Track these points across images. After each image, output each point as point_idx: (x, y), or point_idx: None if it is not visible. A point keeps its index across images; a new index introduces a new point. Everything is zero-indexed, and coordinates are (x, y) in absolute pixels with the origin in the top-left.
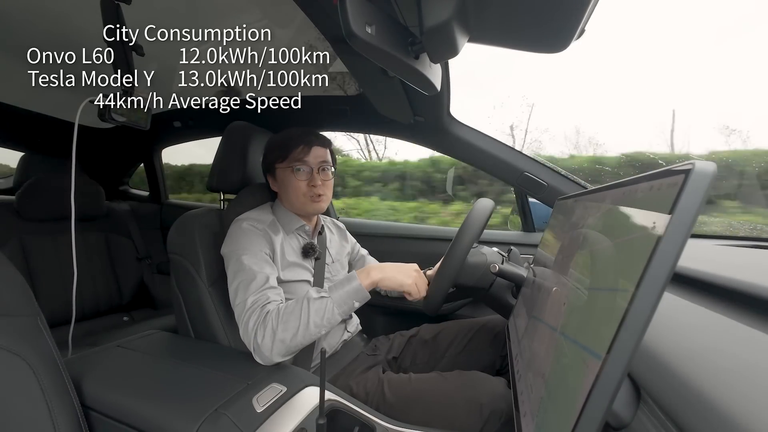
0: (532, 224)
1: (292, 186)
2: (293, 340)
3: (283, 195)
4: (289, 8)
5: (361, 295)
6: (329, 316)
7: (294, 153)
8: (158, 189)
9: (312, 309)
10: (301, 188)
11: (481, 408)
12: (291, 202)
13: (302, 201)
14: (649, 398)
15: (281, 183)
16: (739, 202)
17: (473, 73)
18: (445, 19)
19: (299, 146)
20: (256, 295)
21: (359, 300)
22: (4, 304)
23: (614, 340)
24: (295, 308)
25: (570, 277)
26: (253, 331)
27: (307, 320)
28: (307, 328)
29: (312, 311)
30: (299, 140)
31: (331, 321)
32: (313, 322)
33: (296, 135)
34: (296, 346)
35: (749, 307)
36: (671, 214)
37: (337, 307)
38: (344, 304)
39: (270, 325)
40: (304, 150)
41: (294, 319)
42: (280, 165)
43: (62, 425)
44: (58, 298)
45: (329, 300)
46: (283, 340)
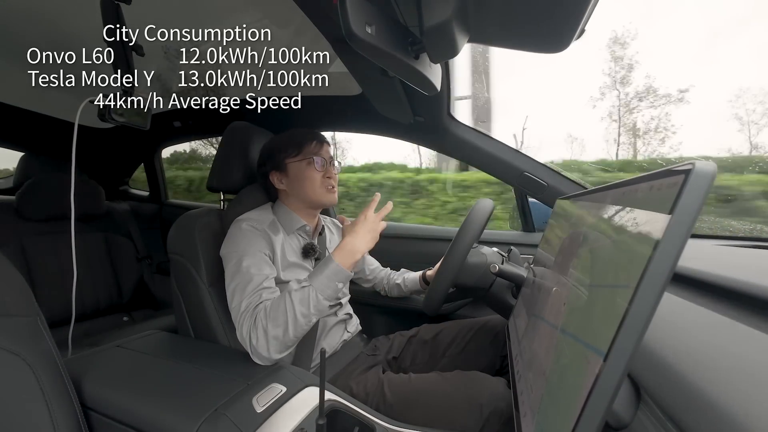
0: (532, 224)
1: (308, 177)
2: (286, 335)
3: (296, 189)
4: (289, 8)
5: (343, 275)
6: (315, 303)
7: (308, 147)
8: (158, 189)
9: (295, 300)
10: (318, 179)
11: (481, 408)
12: (305, 195)
13: (319, 192)
14: (649, 398)
15: (294, 177)
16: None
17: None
18: (445, 19)
19: (313, 141)
20: (250, 297)
21: (341, 280)
22: (4, 304)
23: (614, 340)
24: (280, 303)
25: (570, 277)
26: (247, 336)
27: (293, 313)
28: (296, 320)
29: (296, 302)
30: (311, 137)
31: (318, 308)
32: (300, 312)
33: (306, 133)
34: (291, 340)
35: (749, 307)
36: (671, 214)
37: (321, 292)
38: (327, 288)
39: (260, 326)
40: (318, 145)
41: (281, 314)
42: (293, 159)
43: (62, 425)
44: (58, 298)
45: (310, 288)
46: (276, 336)
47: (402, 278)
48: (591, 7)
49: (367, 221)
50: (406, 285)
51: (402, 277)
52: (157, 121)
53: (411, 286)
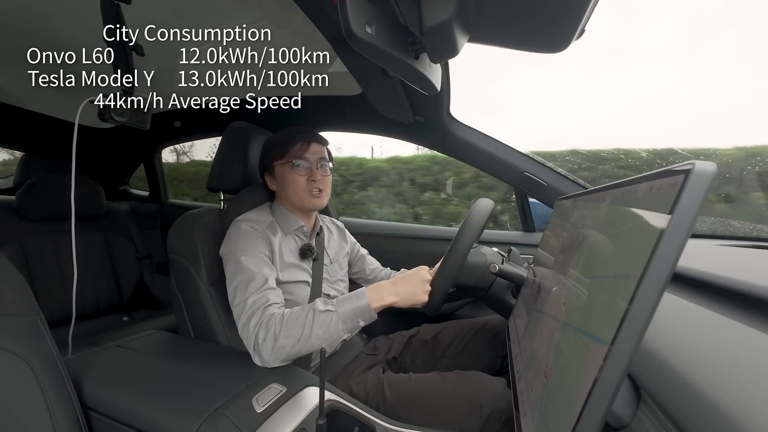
0: (532, 224)
1: (291, 181)
2: (293, 349)
3: (283, 192)
4: (289, 8)
5: (368, 315)
6: (333, 330)
7: (293, 150)
8: (158, 189)
9: (317, 321)
10: (301, 183)
11: (481, 408)
12: (290, 199)
13: (302, 196)
14: (649, 398)
15: (280, 180)
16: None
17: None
18: (445, 19)
19: (297, 143)
20: (256, 295)
21: (365, 320)
22: (4, 304)
23: (614, 340)
24: (300, 316)
25: (570, 277)
26: (255, 332)
27: (310, 331)
28: (309, 339)
29: (316, 323)
30: (297, 137)
31: (333, 336)
32: (315, 334)
33: (294, 133)
34: (294, 355)
35: (749, 307)
36: (671, 214)
37: (342, 323)
38: (349, 321)
39: (273, 329)
40: (303, 146)
41: (297, 327)
42: (278, 162)
43: (62, 425)
44: (58, 298)
45: (335, 314)
46: (283, 346)
47: None
48: (591, 7)
49: (428, 280)
50: None
51: None
52: (157, 121)
53: None
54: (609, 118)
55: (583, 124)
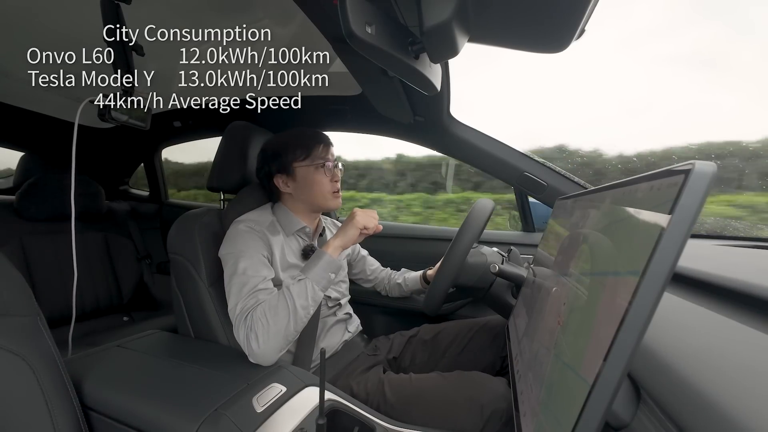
0: (532, 224)
1: (317, 183)
2: (287, 329)
3: (302, 193)
4: (289, 8)
5: (334, 265)
6: (312, 294)
7: (316, 151)
8: (158, 189)
9: (294, 293)
10: (326, 185)
11: (481, 408)
12: (311, 200)
13: (327, 197)
14: (649, 398)
15: (302, 181)
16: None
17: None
18: (445, 19)
19: (320, 145)
20: (245, 300)
21: (333, 270)
22: (4, 304)
23: (614, 340)
24: (280, 299)
25: (570, 277)
26: (245, 340)
27: (294, 305)
28: (296, 313)
29: (295, 296)
30: (317, 139)
31: (314, 298)
32: (300, 305)
33: (312, 135)
34: (291, 335)
35: (749, 307)
36: (671, 214)
37: (316, 283)
38: (321, 279)
39: (260, 325)
40: (325, 149)
41: (281, 309)
42: (301, 164)
43: (62, 425)
44: (58, 298)
45: (307, 280)
46: (277, 332)
47: (403, 278)
48: (591, 7)
49: (360, 215)
50: (407, 285)
51: (403, 277)
52: (157, 121)
53: (412, 286)
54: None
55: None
